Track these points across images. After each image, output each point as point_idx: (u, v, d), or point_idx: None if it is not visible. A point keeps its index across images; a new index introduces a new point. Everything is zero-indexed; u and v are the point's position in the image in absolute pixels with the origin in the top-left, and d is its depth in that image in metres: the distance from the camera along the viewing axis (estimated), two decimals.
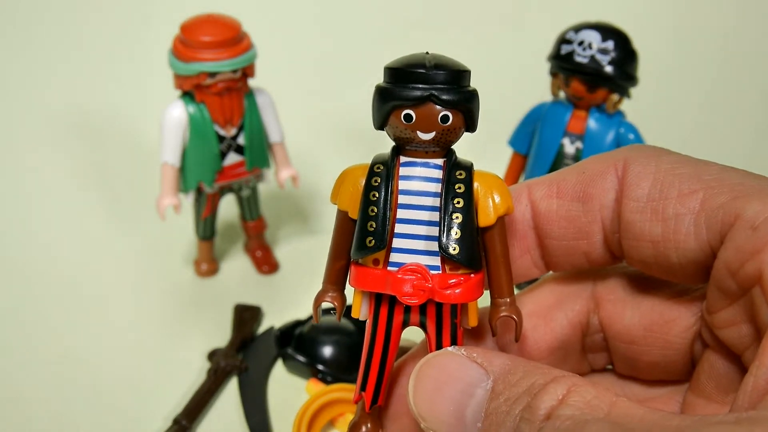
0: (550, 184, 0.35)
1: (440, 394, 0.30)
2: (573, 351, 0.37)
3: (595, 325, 0.36)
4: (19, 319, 0.65)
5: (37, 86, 0.92)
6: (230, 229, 0.76)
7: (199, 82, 0.60)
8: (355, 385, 0.35)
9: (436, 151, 0.33)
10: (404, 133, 0.33)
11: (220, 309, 0.65)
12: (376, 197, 0.32)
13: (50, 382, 0.59)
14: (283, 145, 0.67)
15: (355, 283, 0.34)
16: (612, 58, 0.57)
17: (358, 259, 0.33)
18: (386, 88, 0.33)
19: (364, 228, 0.32)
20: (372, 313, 0.34)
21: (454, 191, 0.32)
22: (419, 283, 0.32)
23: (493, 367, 0.30)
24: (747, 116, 0.93)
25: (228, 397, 0.58)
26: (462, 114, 0.32)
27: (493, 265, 0.33)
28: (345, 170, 0.35)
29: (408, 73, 0.32)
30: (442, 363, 0.31)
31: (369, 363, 0.34)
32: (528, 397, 0.28)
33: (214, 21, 0.60)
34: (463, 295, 0.32)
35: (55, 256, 0.72)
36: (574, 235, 0.34)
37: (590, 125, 0.60)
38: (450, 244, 0.32)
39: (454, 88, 0.32)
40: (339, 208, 0.34)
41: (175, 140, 0.62)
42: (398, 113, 0.32)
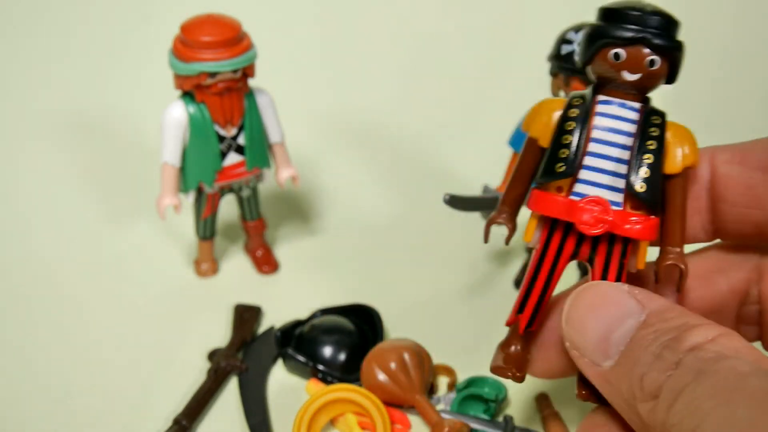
0: (735, 151, 0.35)
1: (593, 314, 0.31)
2: (728, 318, 0.37)
3: (754, 296, 0.36)
4: (18, 318, 0.65)
5: (36, 86, 0.92)
6: (230, 229, 0.76)
7: (200, 82, 0.60)
8: (513, 307, 0.36)
9: (635, 95, 0.34)
10: (609, 72, 0.34)
11: (221, 309, 0.65)
12: (571, 127, 0.34)
13: (49, 381, 0.59)
14: (284, 145, 0.67)
15: (535, 206, 0.35)
16: None
17: (543, 183, 0.34)
18: (600, 26, 0.34)
19: (556, 155, 0.34)
20: (543, 240, 0.35)
21: (649, 134, 0.34)
22: (600, 214, 0.33)
23: (651, 304, 0.31)
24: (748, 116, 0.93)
25: (228, 397, 0.58)
26: (668, 62, 0.34)
27: (670, 213, 0.34)
28: (540, 102, 0.36)
29: (624, 14, 0.33)
30: (602, 289, 0.32)
31: (531, 287, 0.35)
32: (677, 332, 0.28)
33: (215, 21, 0.60)
34: (642, 232, 0.33)
35: (54, 256, 0.72)
36: (749, 203, 0.35)
37: None
38: (638, 182, 0.33)
39: (666, 34, 0.33)
40: (530, 135, 0.35)
41: (175, 140, 0.62)
42: (607, 51, 0.33)
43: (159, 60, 0.65)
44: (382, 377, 0.55)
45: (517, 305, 0.36)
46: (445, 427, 0.52)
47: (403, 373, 0.55)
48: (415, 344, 0.57)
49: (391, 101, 0.95)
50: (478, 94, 0.91)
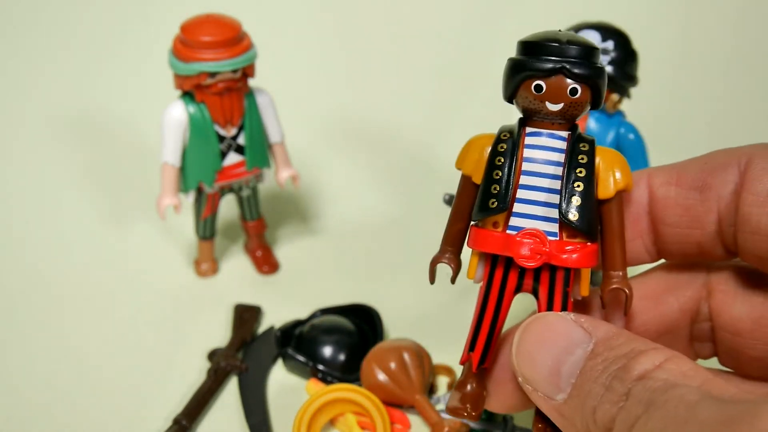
0: (671, 171, 0.36)
1: (542, 347, 0.32)
2: (680, 337, 0.37)
3: (705, 314, 0.37)
4: (19, 318, 0.65)
5: (36, 86, 0.92)
6: (230, 229, 0.76)
7: (200, 82, 0.60)
8: (464, 345, 0.36)
9: (561, 123, 0.34)
10: (533, 104, 0.34)
11: (220, 309, 0.66)
12: (501, 162, 0.34)
13: (49, 381, 0.59)
14: (283, 145, 0.67)
15: (474, 244, 0.35)
16: (612, 58, 0.57)
17: (479, 220, 0.35)
18: (519, 59, 0.34)
19: (488, 191, 0.34)
20: (487, 276, 0.35)
21: (578, 162, 0.34)
22: (537, 246, 0.33)
23: (597, 332, 0.31)
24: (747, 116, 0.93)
25: (228, 396, 0.58)
26: (590, 89, 0.34)
27: (608, 238, 0.35)
28: (471, 138, 0.36)
29: (541, 45, 0.34)
30: (548, 321, 0.32)
31: (480, 324, 0.36)
32: (625, 359, 0.28)
33: (215, 21, 0.60)
34: (579, 261, 0.34)
35: (54, 256, 0.72)
36: (689, 224, 0.35)
37: (590, 125, 0.60)
38: (570, 211, 0.33)
39: (584, 62, 0.33)
40: (463, 173, 0.36)
41: (175, 140, 0.62)
42: (529, 84, 0.34)
43: (159, 60, 0.65)
44: (382, 377, 0.55)
45: (467, 343, 0.36)
46: (445, 427, 0.52)
47: (402, 373, 0.55)
48: (415, 344, 0.57)
49: (392, 101, 0.95)
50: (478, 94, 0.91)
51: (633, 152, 0.60)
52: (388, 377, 0.54)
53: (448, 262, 0.37)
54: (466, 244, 0.37)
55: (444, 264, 0.37)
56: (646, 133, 0.61)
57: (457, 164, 0.36)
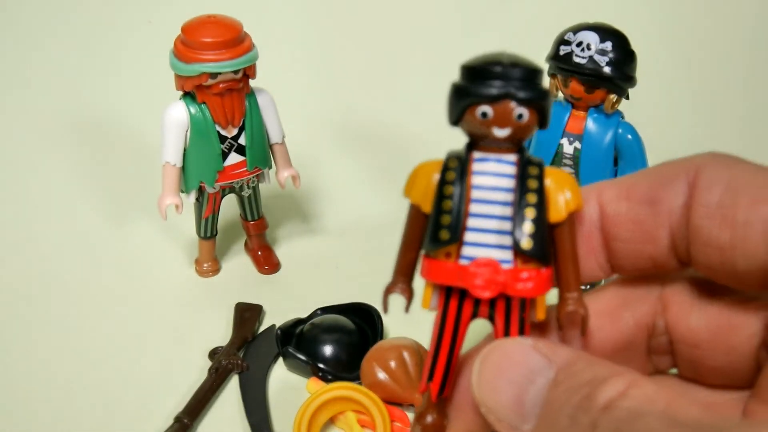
0: (620, 186, 0.35)
1: (502, 378, 0.31)
2: (638, 352, 0.37)
3: (661, 327, 0.36)
4: (20, 318, 0.65)
5: (37, 86, 0.93)
6: (231, 228, 0.76)
7: (201, 82, 0.60)
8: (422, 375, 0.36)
9: (509, 148, 0.34)
10: (479, 130, 0.33)
11: (222, 308, 0.66)
12: (450, 191, 0.33)
13: (51, 381, 0.59)
14: (284, 146, 0.68)
15: (427, 276, 0.34)
16: (610, 58, 0.57)
17: (430, 251, 0.34)
18: (463, 85, 0.33)
19: (438, 221, 0.33)
20: (441, 305, 0.35)
21: (527, 186, 0.33)
22: (491, 276, 0.33)
23: (557, 358, 0.30)
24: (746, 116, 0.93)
25: (229, 395, 0.58)
26: (536, 111, 0.33)
27: (561, 261, 0.34)
28: (418, 166, 0.35)
29: (485, 70, 0.33)
30: (506, 350, 0.32)
31: (437, 354, 0.35)
32: (588, 388, 0.28)
33: (216, 22, 0.60)
34: (534, 289, 0.33)
35: (55, 256, 0.72)
36: (641, 239, 0.35)
37: (589, 125, 0.60)
38: (523, 238, 0.32)
39: (529, 86, 0.33)
40: (411, 202, 0.35)
41: (176, 140, 0.62)
42: (474, 109, 0.33)
43: (160, 61, 0.66)
44: (382, 376, 0.55)
45: (425, 373, 0.35)
46: None
47: (402, 371, 0.55)
48: (415, 343, 0.57)
49: (392, 101, 0.95)
50: None
51: (631, 152, 0.60)
52: (388, 376, 0.55)
53: (401, 292, 0.36)
54: (418, 274, 0.36)
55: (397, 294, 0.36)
56: (644, 133, 0.61)
57: (404, 192, 0.35)
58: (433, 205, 0.34)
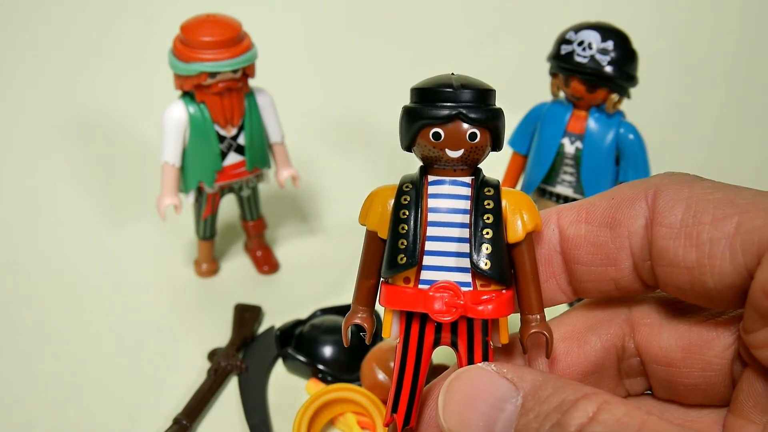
0: (579, 209, 0.35)
1: (470, 408, 0.31)
2: (608, 376, 0.37)
3: (631, 349, 0.36)
4: (20, 318, 0.65)
5: (36, 86, 0.92)
6: (230, 229, 0.76)
7: (200, 82, 0.60)
8: (386, 407, 0.35)
9: (464, 169, 0.34)
10: (433, 152, 0.33)
11: (221, 309, 0.66)
12: (406, 215, 0.33)
13: (50, 381, 0.59)
14: (284, 145, 0.67)
15: (386, 303, 0.34)
16: (612, 58, 0.57)
17: (389, 277, 0.33)
18: (414, 108, 0.33)
19: (395, 246, 0.33)
20: (403, 333, 0.34)
21: (484, 207, 0.33)
22: (451, 300, 0.32)
23: (524, 383, 0.30)
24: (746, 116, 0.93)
25: (228, 396, 0.58)
26: (489, 132, 0.33)
27: (522, 282, 0.34)
28: (373, 192, 0.35)
29: (435, 92, 0.33)
30: (471, 378, 0.31)
31: (400, 384, 0.34)
32: (558, 414, 0.28)
33: (215, 21, 0.60)
34: (496, 311, 0.33)
35: (55, 256, 0.72)
36: (602, 261, 0.34)
37: (590, 125, 0.60)
38: (481, 260, 0.32)
39: (480, 106, 0.33)
40: (368, 228, 0.34)
41: (175, 140, 0.62)
42: (427, 132, 0.33)
43: (159, 60, 0.65)
44: (382, 377, 0.55)
45: (389, 405, 0.35)
46: None
47: None
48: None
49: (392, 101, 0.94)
50: None
51: (633, 152, 0.60)
52: (388, 377, 0.55)
53: (362, 322, 0.35)
54: (378, 302, 0.35)
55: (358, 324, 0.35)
56: (646, 132, 0.61)
57: (360, 220, 0.35)
58: (389, 230, 0.33)
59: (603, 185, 0.60)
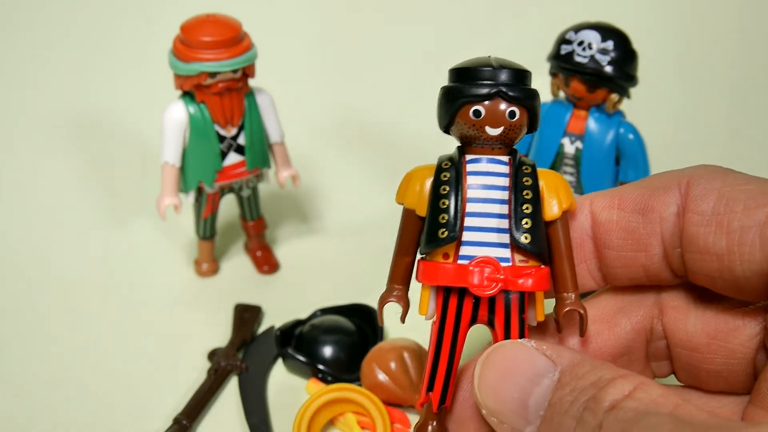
0: (612, 196, 0.36)
1: (506, 380, 0.31)
2: (637, 358, 0.37)
3: (659, 332, 0.36)
4: (19, 318, 0.65)
5: (36, 86, 0.92)
6: (230, 228, 0.76)
7: (200, 82, 0.60)
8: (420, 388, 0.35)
9: (501, 148, 0.34)
10: (472, 130, 0.34)
11: (221, 309, 0.66)
12: (446, 191, 0.34)
13: (50, 381, 0.59)
14: (284, 145, 0.67)
15: (425, 279, 0.34)
16: (612, 58, 0.57)
17: (428, 252, 0.34)
18: (454, 87, 0.34)
19: (436, 221, 0.33)
20: (440, 310, 0.34)
21: (523, 184, 0.33)
22: (491, 274, 0.33)
23: (562, 360, 0.30)
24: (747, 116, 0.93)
25: (228, 396, 0.58)
26: (527, 111, 0.34)
27: (557, 260, 0.34)
28: (410, 171, 0.36)
29: (475, 71, 0.34)
30: (510, 351, 0.32)
31: (436, 362, 0.35)
32: (594, 389, 0.28)
33: (215, 21, 0.60)
34: (536, 284, 0.33)
35: (55, 256, 0.72)
36: (633, 247, 0.35)
37: (590, 125, 0.60)
38: (521, 234, 0.33)
39: (519, 85, 0.33)
40: (406, 206, 0.35)
41: (175, 140, 0.62)
42: (467, 110, 0.33)
43: (159, 60, 0.65)
44: (382, 377, 0.55)
45: (425, 384, 0.35)
46: None
47: (403, 372, 0.55)
48: (415, 344, 0.57)
49: (392, 101, 0.95)
50: None
51: (632, 152, 0.60)
52: (388, 377, 0.55)
53: (397, 301, 0.36)
54: (414, 280, 0.35)
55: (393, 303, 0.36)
56: (646, 132, 0.61)
57: (397, 198, 0.35)
58: (429, 206, 0.34)
59: (603, 185, 0.60)
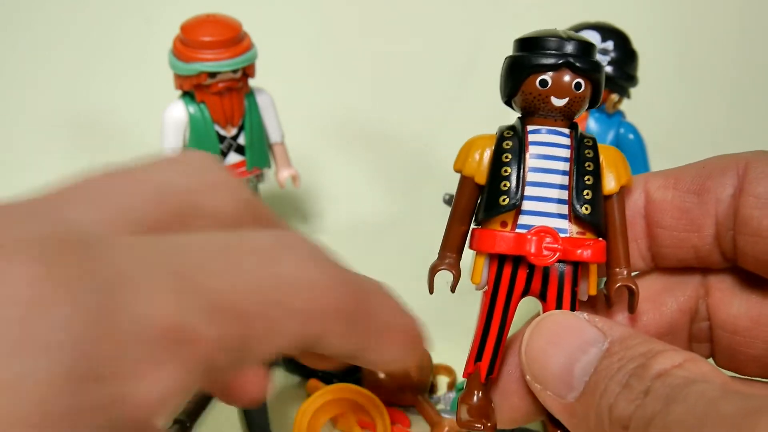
0: (668, 176, 0.36)
1: (554, 345, 0.31)
2: (681, 338, 0.37)
3: (703, 312, 0.36)
4: None
5: (35, 86, 0.92)
6: None
7: (200, 82, 0.60)
8: (468, 357, 0.35)
9: (563, 120, 0.34)
10: (537, 100, 0.34)
11: None
12: (508, 159, 0.33)
13: None
14: (284, 145, 0.67)
15: (481, 246, 0.34)
16: (612, 58, 0.57)
17: (486, 220, 0.34)
18: (522, 56, 0.34)
19: (497, 188, 0.33)
20: (493, 279, 0.34)
21: (585, 156, 0.33)
22: (550, 243, 0.33)
23: (612, 332, 0.30)
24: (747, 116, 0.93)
25: None
26: (591, 84, 0.34)
27: (612, 235, 0.34)
28: (470, 140, 0.35)
29: (543, 40, 0.33)
30: (561, 319, 0.32)
31: (486, 332, 0.35)
32: (643, 359, 0.28)
33: (215, 21, 0.60)
34: (594, 256, 0.33)
35: None
36: (686, 227, 0.35)
37: (590, 125, 0.60)
38: (582, 205, 0.33)
39: (586, 57, 0.33)
40: (464, 174, 0.35)
41: (175, 140, 0.62)
42: (533, 79, 0.33)
43: (159, 60, 0.65)
44: (382, 377, 0.55)
45: (473, 354, 0.35)
46: (445, 426, 0.52)
47: (403, 372, 0.55)
48: None
49: (392, 101, 0.95)
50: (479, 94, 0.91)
51: (633, 152, 0.60)
52: (389, 377, 0.55)
53: (450, 269, 0.35)
54: (468, 248, 0.35)
55: (444, 271, 0.35)
56: (646, 133, 0.61)
57: (456, 166, 0.35)
58: (489, 173, 0.34)
59: None
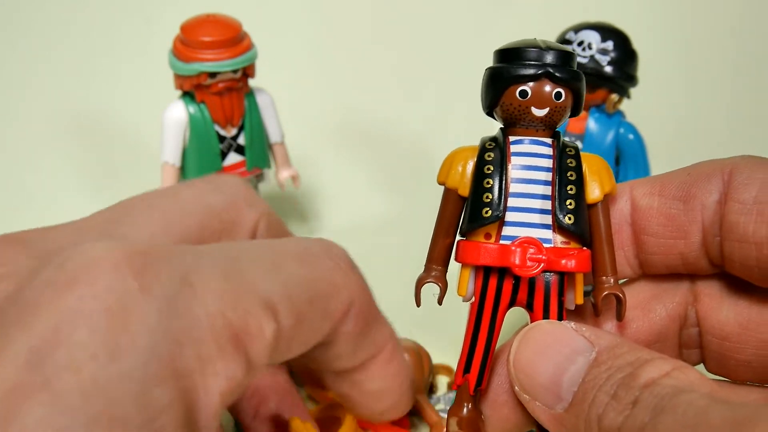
0: (654, 183, 0.36)
1: (542, 356, 0.31)
2: (670, 345, 0.37)
3: (692, 319, 0.36)
4: None
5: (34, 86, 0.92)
6: None
7: (200, 82, 0.60)
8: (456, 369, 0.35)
9: (544, 130, 0.34)
10: (517, 111, 0.34)
11: None
12: (491, 170, 0.34)
13: None
14: (284, 145, 0.67)
15: (466, 258, 0.34)
16: (612, 58, 0.57)
17: (470, 232, 0.34)
18: (501, 67, 0.34)
19: (480, 200, 0.33)
20: (479, 291, 0.35)
21: (567, 165, 0.34)
22: (534, 254, 0.33)
23: (600, 341, 0.30)
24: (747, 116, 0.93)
25: None
26: (572, 93, 0.34)
27: (597, 243, 0.34)
28: (452, 152, 0.35)
29: (522, 51, 0.34)
30: (548, 329, 0.32)
31: (474, 344, 0.35)
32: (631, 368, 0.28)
33: (215, 21, 0.60)
34: (578, 265, 0.33)
35: None
36: (672, 234, 0.35)
37: (590, 125, 0.60)
38: (565, 215, 0.33)
39: (565, 67, 0.33)
40: (448, 186, 0.35)
41: (175, 140, 0.62)
42: (513, 90, 0.33)
43: (159, 60, 0.65)
44: None
45: (461, 365, 0.35)
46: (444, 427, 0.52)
47: None
48: (415, 344, 0.57)
49: (392, 101, 0.95)
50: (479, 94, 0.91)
51: (633, 152, 0.60)
52: None
53: (436, 281, 0.36)
54: (454, 260, 0.36)
55: (431, 284, 0.36)
56: (646, 133, 0.61)
57: (439, 179, 0.35)
58: (472, 185, 0.34)
59: None
